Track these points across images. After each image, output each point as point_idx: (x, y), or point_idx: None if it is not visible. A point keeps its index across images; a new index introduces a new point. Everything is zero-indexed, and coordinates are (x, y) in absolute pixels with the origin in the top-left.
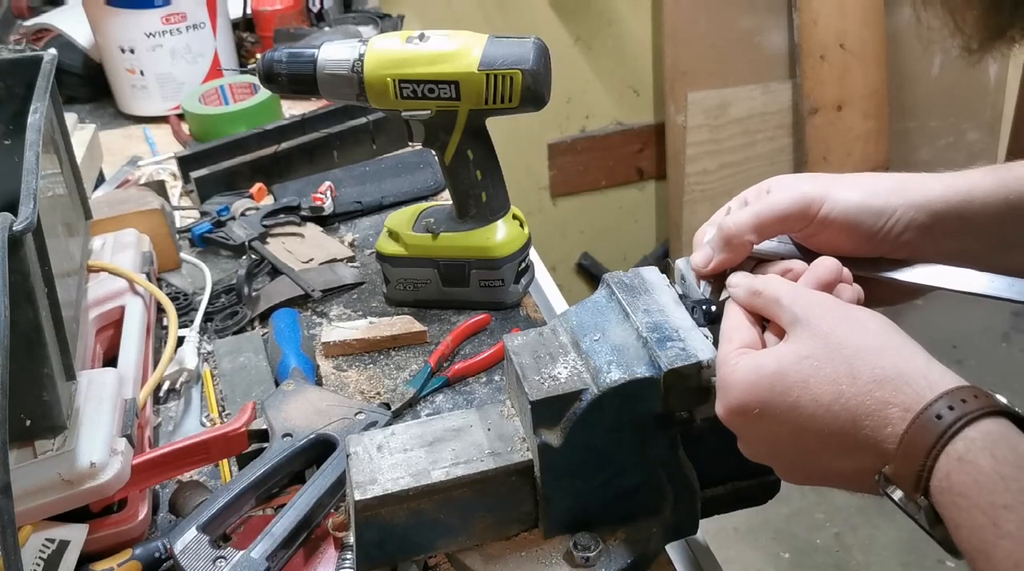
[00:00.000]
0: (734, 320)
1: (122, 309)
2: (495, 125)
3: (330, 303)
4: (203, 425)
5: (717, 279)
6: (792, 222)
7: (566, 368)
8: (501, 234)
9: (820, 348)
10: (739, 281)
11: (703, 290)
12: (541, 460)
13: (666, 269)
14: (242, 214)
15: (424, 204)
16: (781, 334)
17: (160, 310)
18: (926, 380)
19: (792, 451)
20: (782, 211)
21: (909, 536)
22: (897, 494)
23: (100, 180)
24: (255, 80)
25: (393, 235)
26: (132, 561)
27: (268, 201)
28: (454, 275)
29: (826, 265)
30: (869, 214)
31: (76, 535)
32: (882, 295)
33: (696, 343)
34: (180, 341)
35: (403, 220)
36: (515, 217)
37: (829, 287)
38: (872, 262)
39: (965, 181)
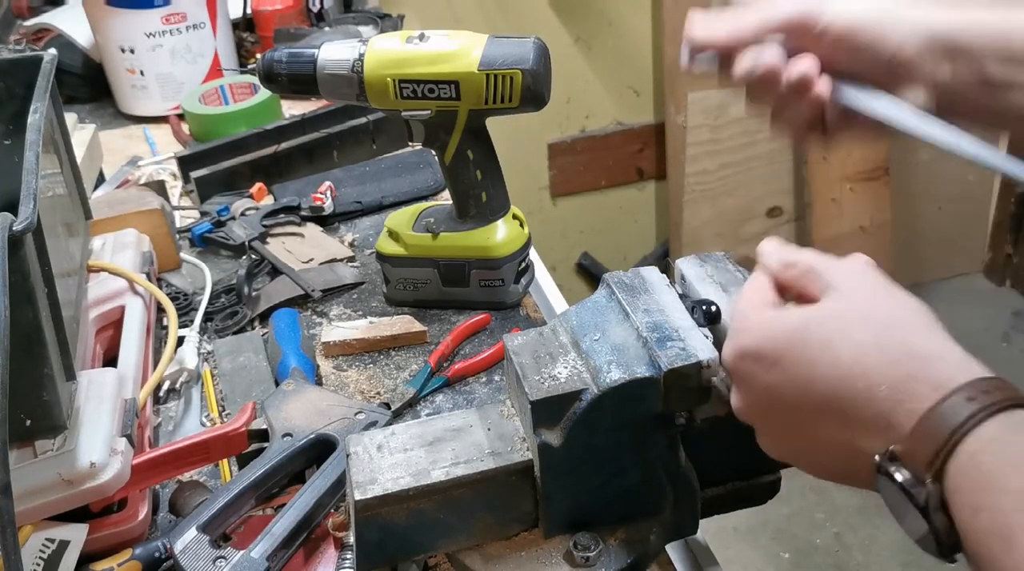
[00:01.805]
0: (758, 283)
1: (122, 309)
2: (495, 125)
3: (330, 303)
4: (203, 425)
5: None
6: (794, 29)
7: (566, 368)
8: (501, 234)
9: (851, 311)
10: (772, 250)
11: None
12: (541, 460)
13: (666, 269)
14: (242, 214)
15: (424, 204)
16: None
17: (160, 310)
18: (958, 365)
19: (788, 411)
20: (786, 16)
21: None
22: (901, 474)
23: (100, 180)
24: (255, 80)
25: (393, 235)
26: (132, 561)
27: (268, 201)
28: (454, 275)
29: (805, 59)
30: (868, 22)
31: (76, 535)
32: (853, 129)
33: (696, 343)
34: (180, 341)
35: (403, 220)
36: (515, 217)
37: (805, 83)
38: (856, 85)
39: (969, 10)
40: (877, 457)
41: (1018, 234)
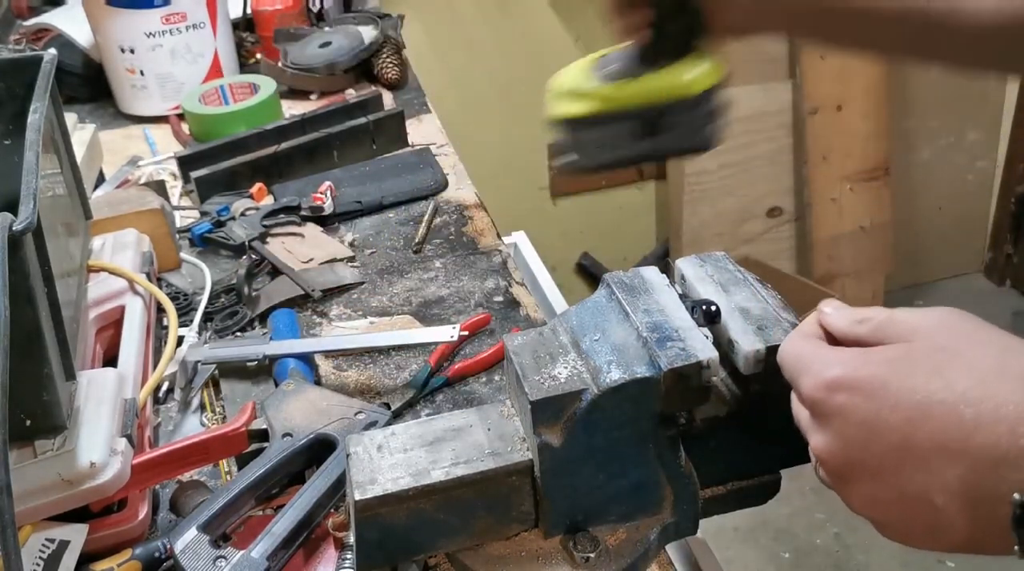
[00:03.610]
0: (812, 328)
1: (122, 309)
2: (495, 125)
3: (330, 303)
4: (203, 425)
5: None
6: None
7: (566, 368)
8: (700, 68)
9: (956, 341)
10: (835, 309)
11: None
12: (541, 460)
13: (666, 269)
14: (242, 214)
15: (591, 56)
16: None
17: (160, 310)
18: None
19: (892, 449)
20: None
21: None
22: None
23: (100, 180)
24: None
25: (572, 95)
26: (132, 561)
27: (268, 201)
28: (650, 122)
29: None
30: None
31: (76, 535)
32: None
33: (696, 343)
34: (180, 341)
35: (578, 77)
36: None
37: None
38: None
39: None
40: (1017, 496)
41: (1018, 234)
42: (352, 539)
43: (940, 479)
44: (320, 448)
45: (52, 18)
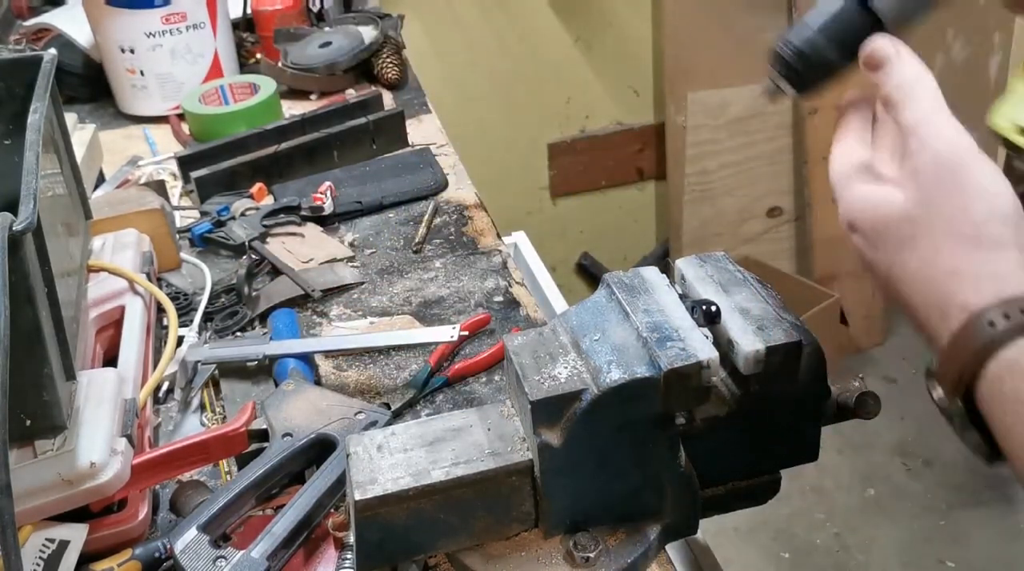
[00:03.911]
0: (846, 146)
1: (122, 309)
2: (495, 125)
3: (330, 303)
4: (203, 425)
5: None
6: None
7: (566, 368)
8: None
9: (923, 214)
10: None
11: None
12: (541, 460)
13: (666, 269)
14: (242, 214)
15: None
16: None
17: (160, 310)
18: (994, 284)
19: (888, 283)
20: None
21: (909, 536)
22: (937, 391)
23: (100, 180)
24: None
25: None
26: (132, 561)
27: (268, 201)
28: None
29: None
30: None
31: (76, 535)
32: None
33: (696, 343)
34: (180, 341)
35: None
36: None
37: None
38: None
39: None
40: (926, 370)
41: None
42: (352, 539)
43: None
44: (320, 448)
45: (52, 18)
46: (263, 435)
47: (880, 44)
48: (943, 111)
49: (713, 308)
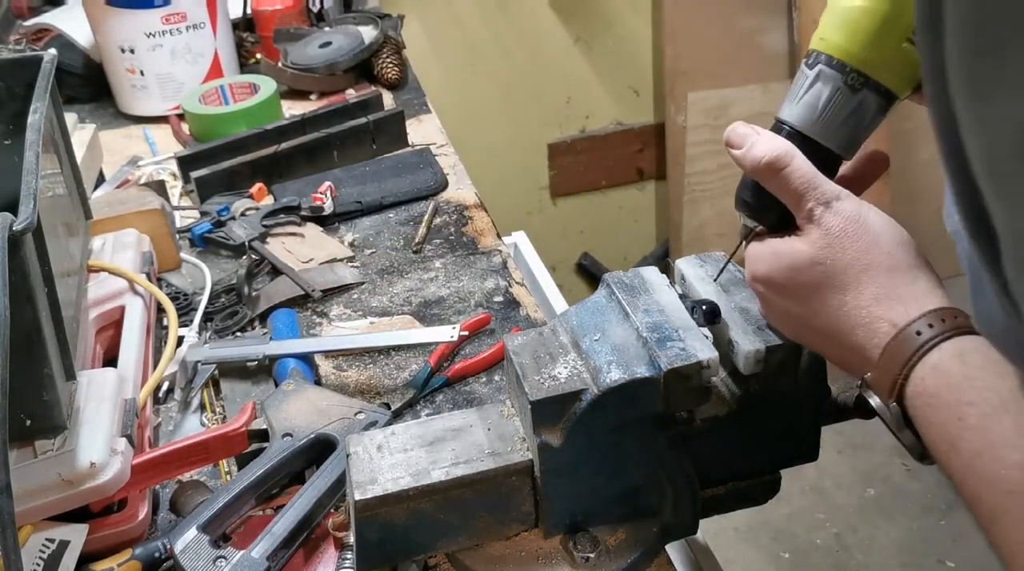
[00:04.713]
0: None
1: (122, 309)
2: (495, 125)
3: (330, 303)
4: (203, 425)
5: None
6: None
7: (566, 368)
8: None
9: (834, 259)
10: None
11: None
12: (541, 460)
13: (666, 269)
14: (242, 214)
15: None
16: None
17: (160, 310)
18: (917, 302)
19: (802, 326)
20: None
21: (909, 536)
22: (874, 399)
23: (100, 180)
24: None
25: None
26: (132, 561)
27: (268, 201)
28: None
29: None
30: None
31: (76, 535)
32: None
33: (696, 343)
34: (180, 341)
35: None
36: None
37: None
38: None
39: None
40: (859, 382)
41: None
42: (352, 539)
43: (829, 350)
44: (320, 448)
45: (52, 18)
46: (263, 435)
47: (735, 126)
48: (819, 174)
49: (713, 308)
